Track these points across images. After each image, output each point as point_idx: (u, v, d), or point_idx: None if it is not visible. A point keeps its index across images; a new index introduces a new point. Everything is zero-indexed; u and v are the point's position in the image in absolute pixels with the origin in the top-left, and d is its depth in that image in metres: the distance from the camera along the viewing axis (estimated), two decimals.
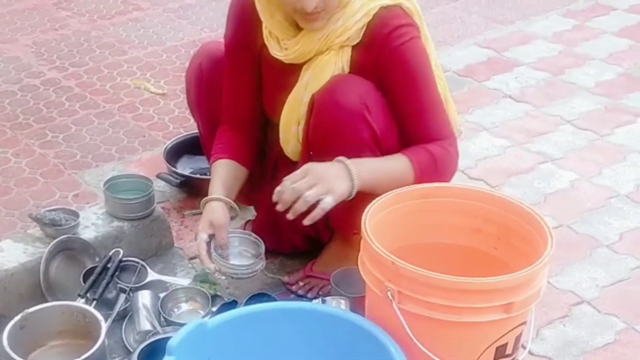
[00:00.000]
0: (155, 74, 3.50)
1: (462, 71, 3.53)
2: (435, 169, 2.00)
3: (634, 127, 3.16)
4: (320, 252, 2.30)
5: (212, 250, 2.08)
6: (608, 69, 3.60)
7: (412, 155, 1.98)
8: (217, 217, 2.09)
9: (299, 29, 2.02)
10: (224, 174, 2.16)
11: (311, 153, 2.07)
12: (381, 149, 2.01)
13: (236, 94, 2.19)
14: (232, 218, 2.14)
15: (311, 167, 1.93)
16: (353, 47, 2.00)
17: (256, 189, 2.29)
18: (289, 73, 2.07)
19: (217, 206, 2.10)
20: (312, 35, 1.99)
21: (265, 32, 2.06)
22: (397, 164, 1.98)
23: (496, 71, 3.56)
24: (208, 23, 3.95)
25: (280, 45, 2.04)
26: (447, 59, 3.54)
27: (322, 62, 2.02)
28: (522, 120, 3.20)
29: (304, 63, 2.04)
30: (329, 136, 1.99)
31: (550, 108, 3.28)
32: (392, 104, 2.01)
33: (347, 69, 2.01)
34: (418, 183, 1.96)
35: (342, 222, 2.11)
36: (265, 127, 2.25)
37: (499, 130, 3.12)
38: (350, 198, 1.92)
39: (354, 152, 1.97)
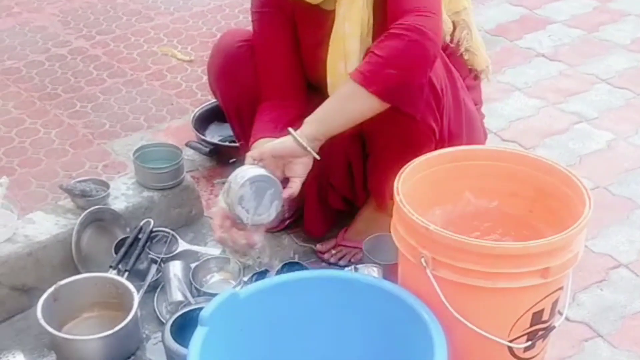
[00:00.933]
0: (182, 40, 3.47)
1: (493, 30, 3.46)
2: (384, 67, 1.80)
3: None
4: (352, 220, 2.27)
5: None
6: None
7: (361, 74, 1.82)
8: (262, 147, 1.92)
9: None
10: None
11: None
12: (436, 100, 1.95)
13: (277, 64, 2.11)
14: None
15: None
16: None
17: None
18: (325, 18, 2.02)
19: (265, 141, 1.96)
20: None
21: None
22: (345, 96, 1.87)
23: (529, 29, 3.49)
24: None
25: None
26: (478, 18, 3.43)
27: None
28: (556, 80, 3.14)
29: (335, 4, 1.98)
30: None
31: (584, 66, 3.22)
32: None
33: None
34: (376, 89, 1.82)
35: (379, 186, 2.07)
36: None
37: (532, 90, 3.07)
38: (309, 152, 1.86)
39: (409, 104, 1.91)
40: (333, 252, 2.25)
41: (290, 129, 1.86)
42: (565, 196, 1.82)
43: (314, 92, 2.15)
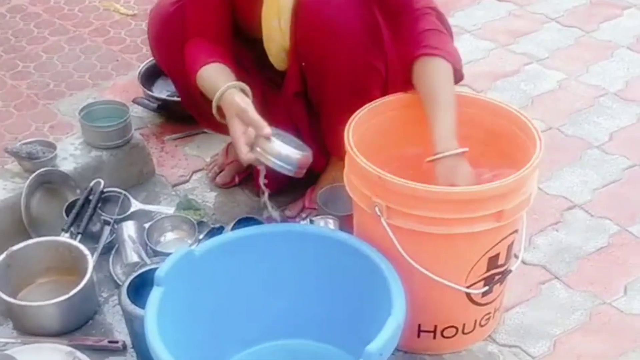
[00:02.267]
0: None
1: None
2: (448, 37, 1.91)
3: (621, 20, 3.10)
4: (316, 181, 2.22)
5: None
6: None
7: (441, 52, 1.84)
8: (242, 106, 1.84)
9: None
10: (222, 72, 1.96)
11: (303, 64, 2.00)
12: (374, 39, 1.94)
13: (208, 3, 2.05)
14: None
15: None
16: None
17: None
18: None
19: (238, 97, 1.86)
20: None
21: None
22: (450, 80, 1.85)
23: None
24: None
25: None
26: None
27: None
28: (506, 20, 3.13)
29: None
30: (321, 37, 1.90)
31: (534, 6, 3.20)
32: None
33: None
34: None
35: (337, 140, 2.04)
36: (243, 58, 2.14)
37: (482, 32, 3.05)
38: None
39: (352, 51, 1.90)
40: (303, 215, 2.22)
41: (439, 156, 1.75)
42: (516, 138, 1.82)
43: (247, 43, 2.12)
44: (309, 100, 2.10)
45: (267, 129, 1.79)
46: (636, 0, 3.21)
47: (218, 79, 1.93)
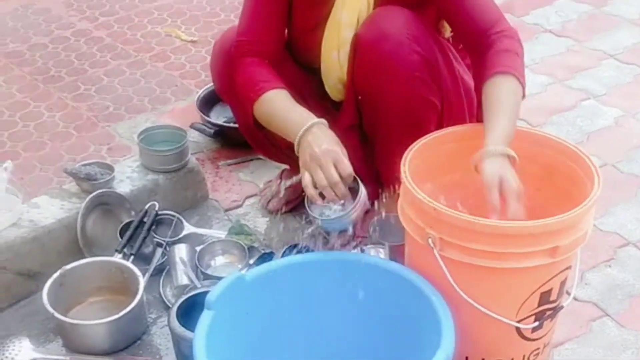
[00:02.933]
0: (185, 20, 3.45)
1: (499, 6, 3.40)
2: (523, 63, 1.89)
3: None
4: (368, 210, 2.21)
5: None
6: None
7: (510, 69, 1.83)
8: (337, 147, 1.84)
9: None
10: (291, 101, 1.95)
11: (359, 97, 2.01)
12: (431, 74, 1.95)
13: (263, 22, 2.05)
14: None
15: (504, 184, 1.69)
16: None
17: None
18: (323, 3, 2.00)
19: (328, 133, 1.86)
20: None
21: None
22: (513, 95, 1.83)
23: (535, 5, 3.47)
24: None
25: None
26: None
27: None
28: (564, 56, 3.13)
29: None
30: (379, 72, 1.92)
31: (592, 42, 3.20)
32: (436, 3, 1.95)
33: None
34: (523, 80, 1.86)
35: (391, 171, 2.04)
36: (302, 86, 2.16)
37: (540, 67, 3.04)
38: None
39: (407, 85, 1.91)
40: (353, 243, 2.22)
41: (487, 150, 1.73)
42: (573, 174, 1.80)
43: (304, 71, 2.13)
44: (363, 132, 2.10)
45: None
46: None
47: (297, 108, 1.93)
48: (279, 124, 1.95)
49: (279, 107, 1.95)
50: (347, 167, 1.81)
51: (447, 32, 2.08)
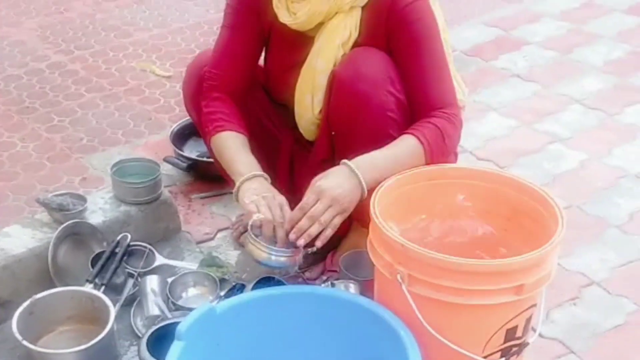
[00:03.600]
0: (160, 56, 3.49)
1: (469, 51, 3.51)
2: (443, 142, 1.95)
3: None
4: (338, 245, 2.25)
5: (249, 232, 1.91)
6: (617, 47, 3.58)
7: (419, 133, 1.93)
8: (262, 192, 1.95)
9: None
10: (242, 147, 2.06)
11: (333, 133, 2.05)
12: (405, 117, 1.99)
13: (235, 58, 2.12)
14: None
15: (322, 188, 1.84)
16: (362, 8, 1.99)
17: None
18: (301, 44, 2.06)
19: (264, 184, 1.98)
20: None
21: (274, 0, 2.03)
22: (406, 148, 1.93)
23: (504, 50, 3.55)
24: (214, 4, 3.93)
25: (289, 11, 2.02)
26: (454, 39, 3.46)
27: (332, 27, 2.00)
28: (531, 100, 3.19)
29: (314, 33, 2.03)
30: (354, 110, 1.96)
31: (559, 87, 3.26)
32: (403, 64, 1.99)
33: (355, 33, 2.00)
34: (428, 159, 1.93)
35: (361, 207, 2.08)
36: (275, 115, 2.22)
37: (507, 110, 3.11)
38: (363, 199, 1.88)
39: (380, 123, 1.96)
40: (323, 277, 2.24)
41: (346, 161, 1.87)
42: (539, 215, 1.84)
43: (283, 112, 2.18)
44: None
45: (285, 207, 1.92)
46: None
47: (242, 157, 2.03)
48: (227, 165, 2.06)
49: (230, 149, 2.05)
50: (291, 212, 1.89)
51: None
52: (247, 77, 2.16)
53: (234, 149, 2.05)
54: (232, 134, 2.07)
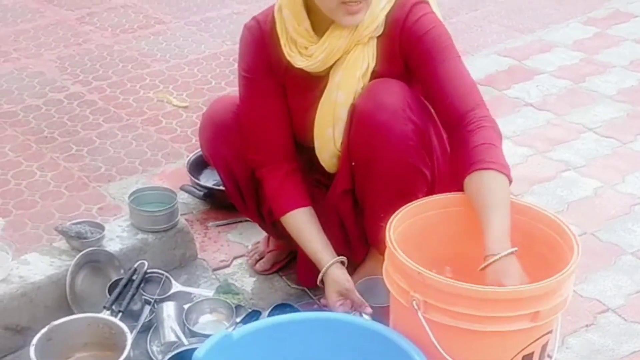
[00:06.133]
0: (177, 86, 3.52)
1: (483, 80, 3.53)
2: (501, 151, 1.92)
3: None
4: (354, 272, 2.24)
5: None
6: (629, 76, 3.59)
7: (495, 165, 1.85)
8: (343, 284, 2.08)
9: (320, 35, 2.02)
10: (313, 227, 2.14)
11: (353, 164, 2.06)
12: (424, 144, 2.01)
13: (271, 126, 2.14)
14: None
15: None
16: (377, 38, 2.02)
17: None
18: (316, 83, 2.08)
19: (339, 271, 2.10)
20: (339, 32, 1.99)
21: (286, 50, 2.05)
22: (504, 193, 1.86)
23: (517, 80, 3.56)
24: (229, 36, 3.97)
25: (303, 56, 2.04)
26: (468, 68, 3.53)
27: (352, 59, 2.02)
28: (544, 129, 3.20)
29: (329, 70, 2.05)
30: (376, 140, 1.98)
31: (571, 116, 3.27)
32: (422, 79, 2.00)
33: (372, 63, 2.02)
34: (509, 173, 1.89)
35: (378, 236, 2.09)
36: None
37: (521, 139, 3.12)
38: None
39: (401, 153, 1.97)
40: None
41: (495, 257, 1.74)
42: (554, 242, 1.85)
43: (300, 149, 2.20)
44: (355, 197, 2.16)
45: (368, 309, 2.02)
46: None
47: (316, 242, 2.12)
48: (304, 248, 2.16)
49: (305, 233, 2.14)
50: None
51: None
52: (290, 136, 2.17)
53: (303, 230, 2.14)
54: (300, 212, 2.14)
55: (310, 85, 2.09)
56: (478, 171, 1.85)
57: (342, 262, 2.11)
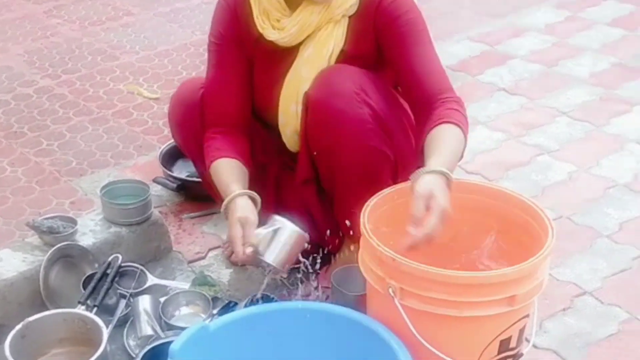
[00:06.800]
0: (148, 78, 3.50)
1: (455, 66, 3.53)
2: (467, 123, 1.95)
3: (630, 116, 3.17)
4: (330, 261, 2.25)
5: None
6: (601, 59, 3.61)
7: (456, 121, 1.89)
8: (246, 215, 1.94)
9: (293, 9, 2.03)
10: (233, 170, 2.06)
11: (315, 153, 2.06)
12: (382, 126, 2.00)
13: (228, 93, 2.15)
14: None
15: (433, 199, 1.70)
16: (350, 17, 2.02)
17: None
18: (285, 57, 2.07)
19: (242, 203, 1.97)
20: (312, 7, 2.00)
21: (258, 21, 2.06)
22: (456, 138, 1.89)
23: (490, 65, 3.57)
24: (199, 26, 3.95)
25: (275, 29, 2.04)
26: (440, 55, 3.48)
27: (323, 36, 2.03)
28: (518, 113, 3.21)
29: (299, 45, 2.05)
30: (331, 127, 1.98)
31: (545, 100, 3.28)
32: (394, 60, 2.02)
33: (341, 43, 2.03)
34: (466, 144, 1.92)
35: (352, 222, 2.07)
36: (261, 142, 2.22)
37: (495, 124, 3.12)
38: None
39: (360, 136, 1.97)
40: (317, 293, 2.25)
41: (425, 169, 1.75)
42: (529, 226, 1.85)
43: (264, 129, 2.20)
44: (320, 185, 2.15)
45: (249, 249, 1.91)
46: None
47: (228, 180, 2.02)
48: (219, 192, 2.06)
49: (223, 176, 2.05)
50: (248, 239, 1.91)
51: None
52: (245, 109, 2.18)
53: (223, 174, 2.06)
54: (225, 160, 2.08)
55: (279, 59, 2.09)
56: (443, 123, 1.88)
57: (254, 200, 2.00)
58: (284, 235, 1.94)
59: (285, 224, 1.95)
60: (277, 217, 1.97)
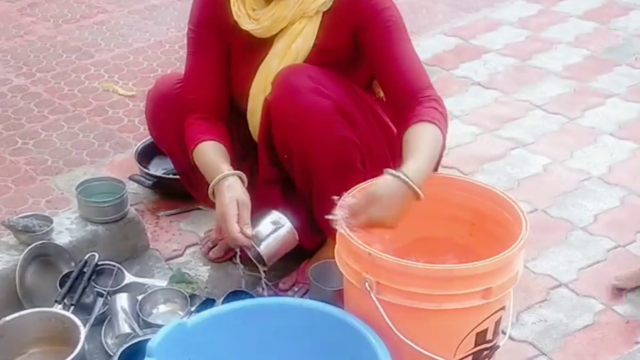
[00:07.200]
0: (123, 75, 3.48)
1: (430, 60, 3.54)
2: (445, 121, 1.95)
3: (604, 109, 3.19)
4: (313, 256, 2.25)
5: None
6: (575, 52, 3.64)
7: (435, 120, 1.89)
8: (241, 196, 1.97)
9: (269, 1, 2.04)
10: (220, 152, 2.08)
11: (285, 156, 2.07)
12: (344, 115, 2.01)
13: (208, 82, 2.16)
14: None
15: (375, 203, 1.75)
16: (324, 12, 2.03)
17: None
18: (261, 48, 2.09)
19: (235, 183, 1.99)
20: (287, 2, 2.02)
21: (234, 9, 2.07)
22: (434, 139, 1.88)
23: (464, 59, 3.59)
24: (174, 23, 3.94)
25: (250, 19, 2.05)
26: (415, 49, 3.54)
27: (295, 31, 2.04)
28: (492, 107, 3.22)
29: (274, 37, 2.06)
30: (296, 128, 1.98)
31: (519, 93, 3.30)
32: (373, 56, 2.03)
33: (312, 38, 2.04)
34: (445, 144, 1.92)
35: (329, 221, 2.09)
36: (238, 133, 2.22)
37: (470, 118, 3.14)
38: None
39: (325, 128, 1.97)
40: (295, 289, 2.25)
41: (391, 171, 1.77)
42: (503, 219, 1.87)
43: (239, 116, 2.20)
44: (286, 186, 2.16)
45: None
46: (618, 89, 3.32)
47: (217, 160, 2.03)
48: (205, 173, 2.07)
49: (210, 157, 2.07)
50: (245, 220, 1.95)
51: (381, 92, 2.16)
52: (224, 96, 2.19)
53: (209, 156, 2.07)
54: (210, 142, 2.09)
55: (254, 49, 2.10)
56: (420, 122, 1.89)
57: (244, 182, 2.02)
58: (282, 232, 2.00)
59: (286, 222, 2.01)
60: (277, 212, 2.02)
